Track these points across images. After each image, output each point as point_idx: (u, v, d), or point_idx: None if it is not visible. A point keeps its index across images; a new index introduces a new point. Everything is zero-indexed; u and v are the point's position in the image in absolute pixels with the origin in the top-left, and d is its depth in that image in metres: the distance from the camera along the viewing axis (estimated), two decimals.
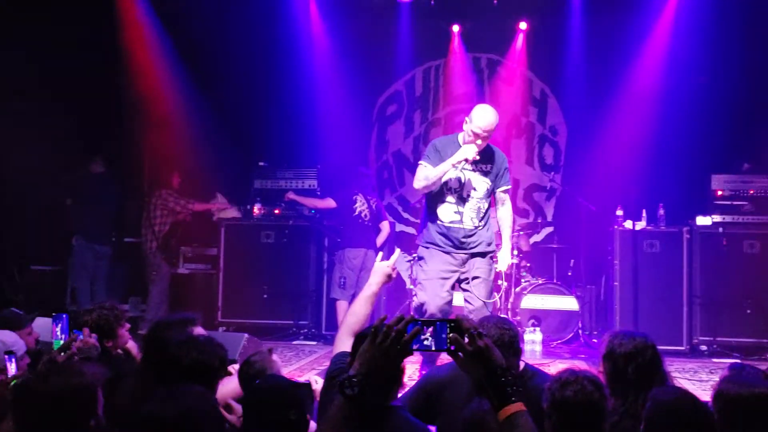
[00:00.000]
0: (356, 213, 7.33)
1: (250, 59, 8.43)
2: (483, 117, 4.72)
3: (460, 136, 4.86)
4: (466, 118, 4.80)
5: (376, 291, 2.93)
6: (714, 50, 7.76)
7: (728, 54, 7.66)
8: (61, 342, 3.27)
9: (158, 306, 7.73)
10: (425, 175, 4.77)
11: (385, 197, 9.35)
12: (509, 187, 5.03)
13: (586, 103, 8.66)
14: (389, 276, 2.97)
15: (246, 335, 5.21)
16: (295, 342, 7.37)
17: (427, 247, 4.90)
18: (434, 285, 4.79)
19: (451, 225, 4.79)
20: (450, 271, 4.81)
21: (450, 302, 4.94)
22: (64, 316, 3.47)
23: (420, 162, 4.94)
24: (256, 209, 7.91)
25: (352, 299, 7.17)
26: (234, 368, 3.37)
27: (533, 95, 9.31)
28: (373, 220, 7.43)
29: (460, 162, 4.64)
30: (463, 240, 4.79)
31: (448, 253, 4.81)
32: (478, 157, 4.68)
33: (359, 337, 2.53)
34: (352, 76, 8.74)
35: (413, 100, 9.48)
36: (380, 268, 2.97)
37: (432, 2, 8.65)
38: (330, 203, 7.53)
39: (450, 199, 4.79)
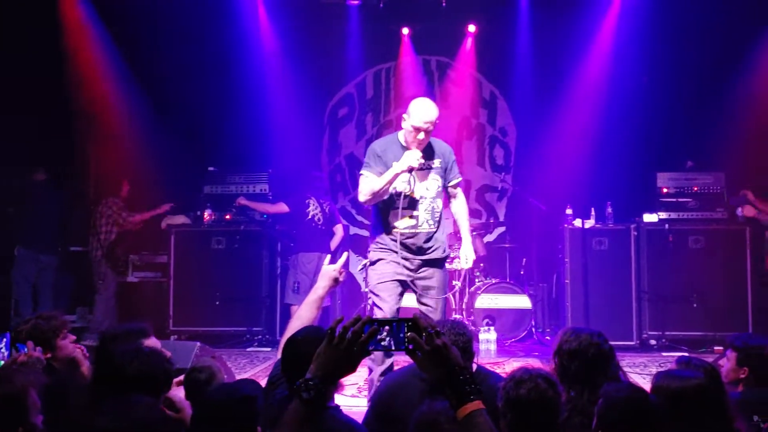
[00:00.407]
0: (309, 217, 7.28)
1: (199, 63, 8.29)
2: (423, 110, 4.38)
3: (401, 135, 4.53)
4: (404, 115, 4.45)
5: (322, 295, 2.91)
6: (656, 51, 7.95)
7: (670, 54, 7.86)
8: (2, 362, 3.15)
9: (104, 316, 7.54)
10: (370, 188, 4.41)
11: (338, 200, 9.31)
12: (460, 179, 4.76)
13: (534, 104, 8.79)
14: (336, 279, 2.95)
15: (198, 344, 5.11)
16: (249, 349, 7.28)
17: (381, 251, 4.56)
18: (389, 289, 4.48)
19: (407, 231, 4.44)
20: (405, 275, 4.50)
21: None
22: (6, 335, 3.34)
23: (361, 172, 4.55)
24: (207, 215, 7.80)
25: None
26: None
27: (483, 97, 9.41)
28: (326, 223, 7.39)
29: (404, 171, 4.31)
30: (421, 246, 4.49)
31: (404, 258, 4.49)
32: (423, 160, 4.37)
33: (289, 342, 2.51)
34: (303, 79, 8.70)
35: (364, 103, 9.48)
36: (327, 271, 2.95)
37: (381, 5, 8.65)
38: (282, 208, 7.46)
39: (402, 204, 4.40)
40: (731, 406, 2.44)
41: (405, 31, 9.10)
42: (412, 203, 4.44)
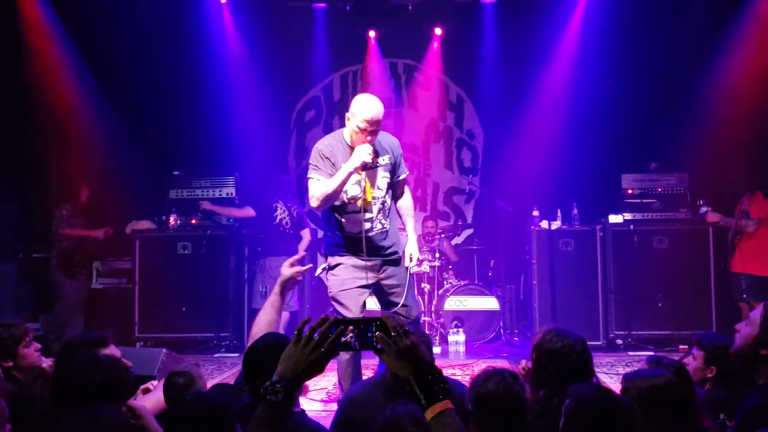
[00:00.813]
0: (277, 221, 7.22)
1: (164, 67, 8.17)
2: (368, 108, 4.11)
3: (345, 133, 4.31)
4: (348, 114, 4.22)
5: (279, 298, 2.87)
6: (620, 54, 8.05)
7: (634, 57, 7.96)
8: None
9: (64, 324, 7.37)
10: (323, 192, 4.17)
11: (305, 204, 9.26)
12: (407, 173, 4.58)
13: (501, 107, 8.85)
14: (294, 280, 2.90)
15: (164, 350, 5.04)
16: (216, 354, 7.20)
17: (340, 256, 4.36)
18: (352, 297, 4.30)
19: (363, 233, 4.24)
20: (366, 277, 4.32)
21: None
22: None
23: (310, 176, 4.32)
24: (172, 220, 7.69)
25: None
26: (152, 384, 3.28)
27: (450, 100, 9.45)
28: (294, 227, 7.33)
29: (358, 169, 4.12)
30: (379, 245, 4.34)
31: (362, 260, 4.31)
32: (375, 155, 4.18)
33: (249, 351, 2.48)
34: (269, 82, 8.64)
35: (331, 106, 9.46)
36: (283, 272, 2.90)
37: (347, 8, 8.65)
38: (249, 212, 7.39)
39: (355, 206, 4.24)
40: (699, 405, 2.46)
41: (372, 34, 9.11)
42: (365, 204, 4.24)
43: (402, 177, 4.49)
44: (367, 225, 4.27)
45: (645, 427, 2.28)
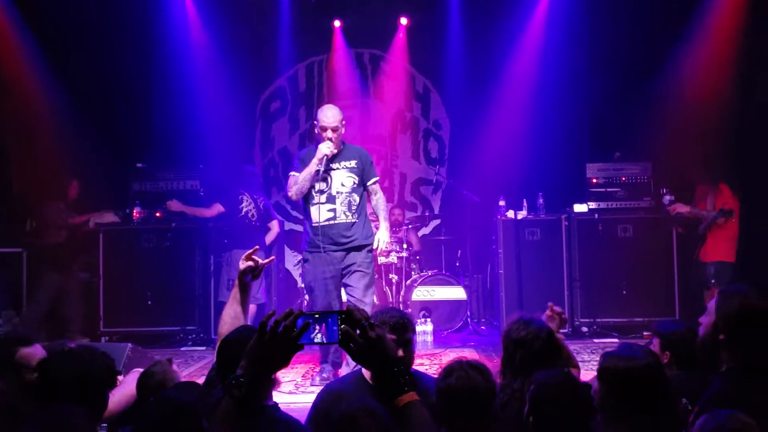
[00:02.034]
0: (243, 213, 7.13)
1: (125, 58, 8.03)
2: (326, 114, 5.13)
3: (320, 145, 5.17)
4: (315, 122, 5.29)
5: (239, 291, 2.83)
6: (585, 44, 8.12)
7: (599, 47, 8.03)
8: None
9: (32, 318, 7.26)
10: (295, 181, 5.14)
11: (272, 196, 9.20)
12: (377, 178, 5.39)
13: (467, 97, 8.88)
14: (254, 273, 2.85)
15: (130, 344, 4.97)
16: (183, 348, 7.12)
17: (309, 251, 5.19)
18: (321, 287, 5.11)
19: (327, 223, 5.10)
20: (333, 269, 5.11)
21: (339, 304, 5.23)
22: None
23: (290, 174, 5.30)
24: (136, 213, 7.58)
25: None
26: (119, 379, 3.24)
27: (416, 90, 9.45)
28: (260, 219, 7.25)
29: (321, 159, 5.00)
30: (342, 235, 5.10)
31: (326, 252, 5.10)
32: (335, 151, 5.07)
33: (222, 344, 2.45)
34: (234, 72, 8.54)
35: (297, 96, 9.39)
36: (239, 266, 2.85)
37: None
38: (218, 209, 7.19)
39: (321, 199, 5.12)
40: (673, 390, 2.49)
41: (337, 24, 9.05)
42: (330, 198, 5.12)
43: (373, 180, 5.31)
44: (330, 214, 5.11)
45: (622, 409, 2.31)
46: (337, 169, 5.15)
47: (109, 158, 7.98)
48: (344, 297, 5.47)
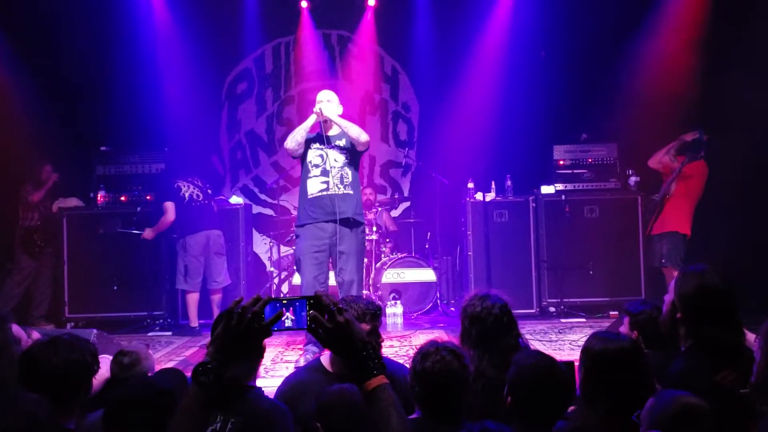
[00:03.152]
0: (187, 199, 6.94)
1: (87, 39, 7.85)
2: (321, 92, 5.56)
3: None
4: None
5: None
6: (552, 26, 8.14)
7: (565, 29, 8.05)
8: None
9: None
10: (292, 134, 5.43)
11: (240, 178, 9.12)
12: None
13: (435, 79, 8.86)
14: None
15: (95, 331, 4.95)
16: (150, 333, 7.04)
17: (300, 225, 5.37)
18: (307, 260, 5.24)
19: (320, 194, 5.30)
20: (321, 243, 5.26)
21: (325, 282, 5.33)
22: None
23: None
24: (100, 197, 7.45)
25: (202, 286, 6.91)
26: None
27: (385, 72, 9.39)
28: (206, 196, 7.08)
29: (315, 121, 5.34)
30: (333, 205, 5.25)
31: (317, 224, 5.27)
32: (325, 115, 5.33)
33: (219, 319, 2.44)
34: (199, 53, 8.41)
35: (264, 78, 9.27)
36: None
37: None
38: (171, 207, 6.89)
39: (315, 172, 5.34)
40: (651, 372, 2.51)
41: (304, 4, 8.94)
42: (324, 172, 5.34)
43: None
44: (324, 186, 5.34)
45: (602, 389, 2.33)
46: (332, 147, 5.38)
47: (72, 141, 7.83)
48: (332, 281, 5.50)
